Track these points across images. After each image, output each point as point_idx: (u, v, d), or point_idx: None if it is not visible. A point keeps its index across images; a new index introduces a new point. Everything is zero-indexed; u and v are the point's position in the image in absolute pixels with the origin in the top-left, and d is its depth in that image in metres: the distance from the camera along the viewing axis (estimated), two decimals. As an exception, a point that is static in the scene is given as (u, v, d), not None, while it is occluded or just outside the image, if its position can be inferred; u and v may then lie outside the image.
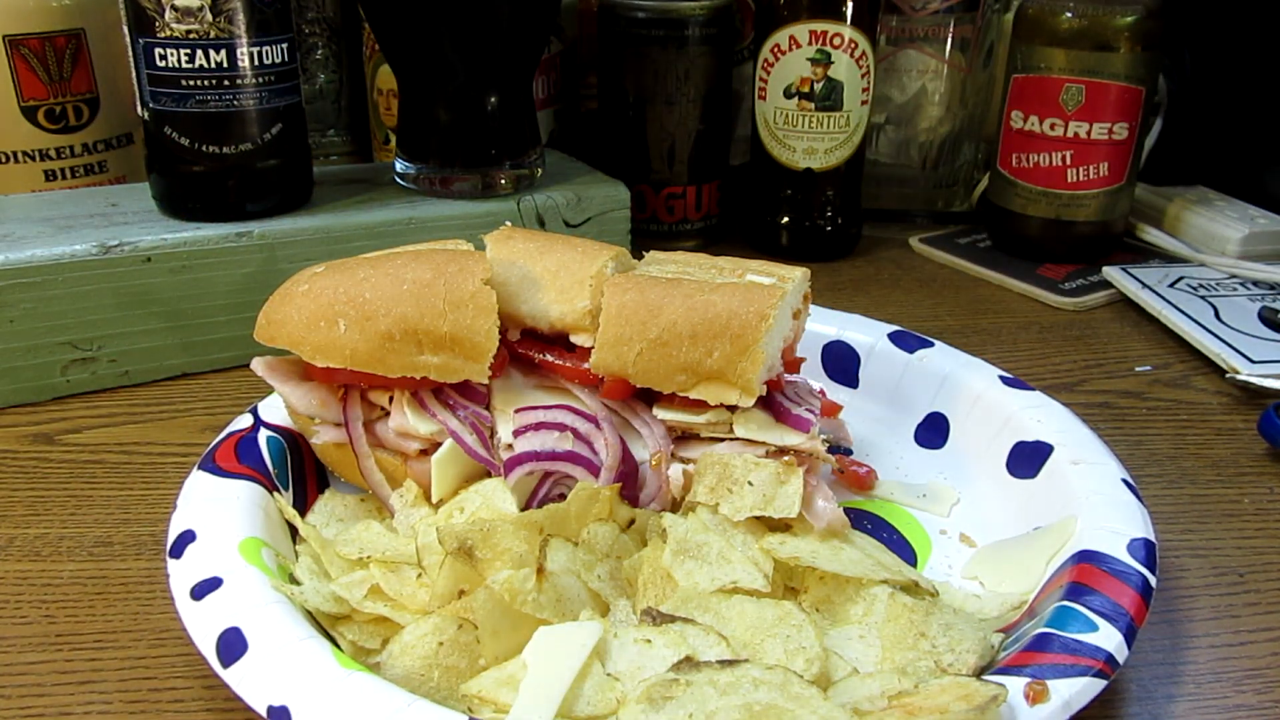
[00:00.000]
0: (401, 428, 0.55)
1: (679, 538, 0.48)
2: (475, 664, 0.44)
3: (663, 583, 0.47)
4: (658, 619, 0.44)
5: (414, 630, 0.44)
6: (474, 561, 0.46)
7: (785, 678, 0.40)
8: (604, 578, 0.48)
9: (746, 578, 0.47)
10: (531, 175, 0.87)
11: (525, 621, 0.44)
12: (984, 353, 0.70)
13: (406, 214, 0.80)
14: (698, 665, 0.40)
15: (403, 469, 0.55)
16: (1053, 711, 0.40)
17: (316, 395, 0.56)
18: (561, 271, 0.56)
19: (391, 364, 0.53)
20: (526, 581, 0.44)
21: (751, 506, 0.50)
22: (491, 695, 0.41)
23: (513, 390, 0.57)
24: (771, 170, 1.00)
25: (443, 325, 0.53)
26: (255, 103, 0.74)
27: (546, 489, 0.55)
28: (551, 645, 0.42)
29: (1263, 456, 0.68)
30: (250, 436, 0.57)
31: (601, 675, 0.41)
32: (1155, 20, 0.91)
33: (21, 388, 0.71)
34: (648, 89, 0.98)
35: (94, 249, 0.70)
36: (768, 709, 0.38)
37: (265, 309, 0.56)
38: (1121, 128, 0.94)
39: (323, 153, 1.06)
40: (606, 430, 0.54)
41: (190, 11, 0.70)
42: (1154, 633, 0.51)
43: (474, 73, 0.82)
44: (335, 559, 0.50)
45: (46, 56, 0.82)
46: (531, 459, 0.53)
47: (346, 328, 0.53)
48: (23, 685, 0.47)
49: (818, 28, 0.92)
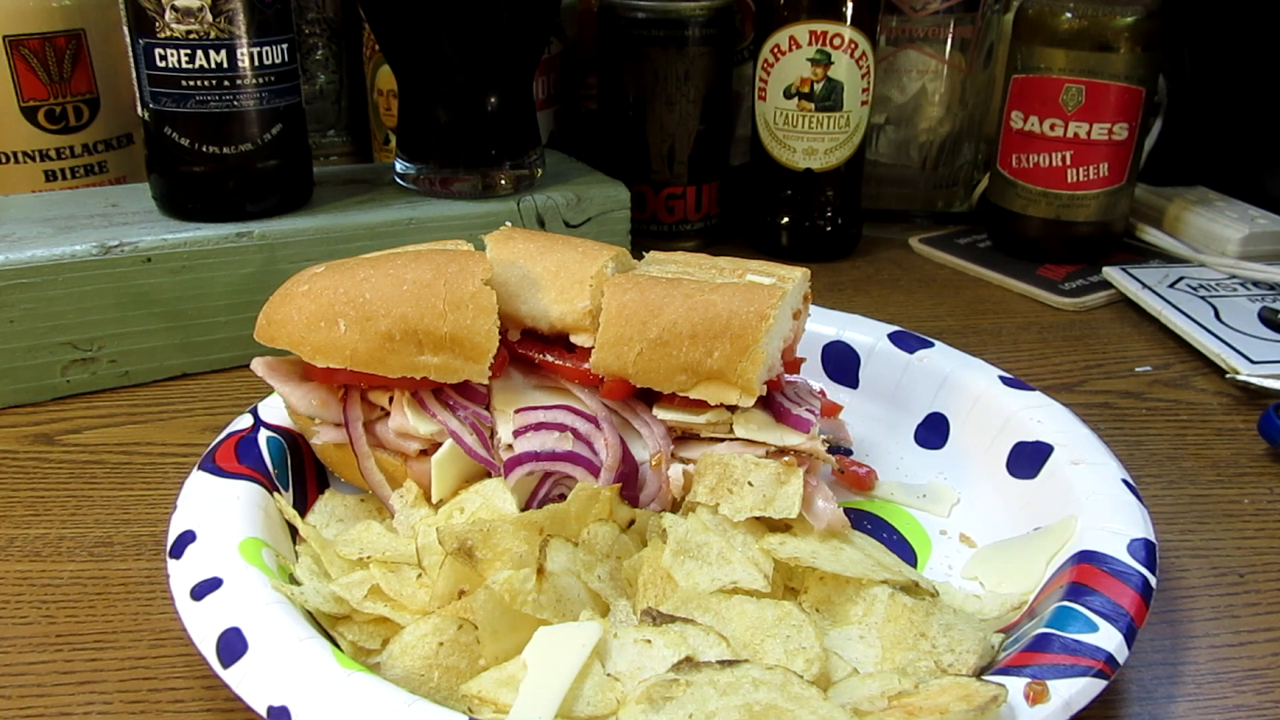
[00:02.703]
0: (401, 428, 0.55)
1: (679, 538, 0.48)
2: (475, 664, 0.44)
3: (663, 583, 0.47)
4: (658, 619, 0.44)
5: (414, 630, 0.44)
6: (474, 562, 0.46)
7: (785, 678, 0.40)
8: (604, 578, 0.48)
9: (747, 578, 0.47)
10: (531, 175, 0.87)
11: (525, 622, 0.44)
12: (984, 353, 0.70)
13: (406, 214, 0.80)
14: (698, 665, 0.40)
15: (403, 469, 0.55)
16: (1053, 712, 0.40)
17: (316, 395, 0.56)
18: (561, 272, 0.56)
19: (392, 364, 0.53)
20: (526, 582, 0.44)
21: (752, 507, 0.50)
22: (492, 695, 0.41)
23: (513, 390, 0.57)
24: (771, 170, 1.00)
25: (443, 326, 0.53)
26: (255, 103, 0.74)
27: (546, 489, 0.55)
28: (551, 645, 0.42)
29: (1263, 457, 0.68)
30: (250, 437, 0.57)
31: (601, 675, 0.41)
32: (1155, 20, 0.91)
33: (21, 388, 0.71)
34: (648, 89, 0.98)
35: (94, 249, 0.70)
36: (768, 709, 0.38)
37: (265, 309, 0.56)
38: (1121, 128, 0.94)
39: (323, 153, 1.06)
40: (606, 430, 0.54)
41: (190, 12, 0.70)
42: (1154, 633, 0.51)
43: (474, 73, 0.82)
44: (335, 559, 0.49)
45: (46, 56, 0.83)
46: (531, 459, 0.53)
47: (347, 328, 0.53)
48: (23, 685, 0.47)
49: (818, 28, 0.92)
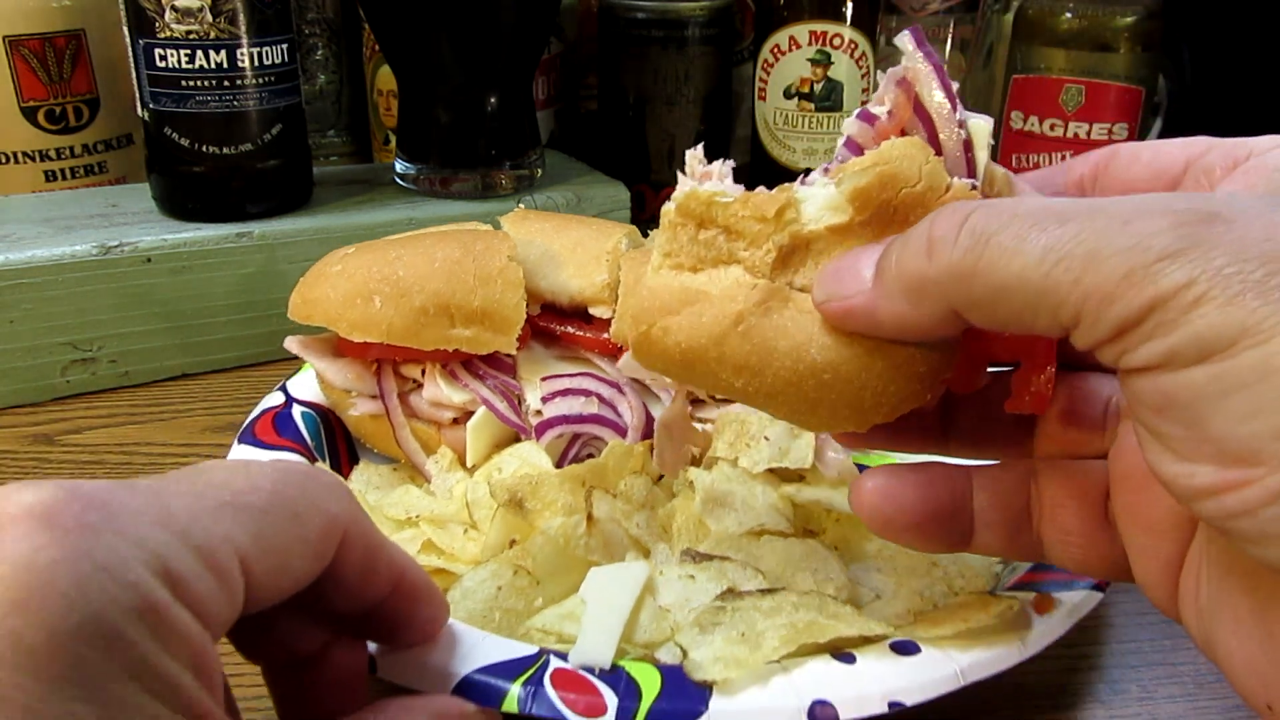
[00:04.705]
0: (435, 398, 0.58)
1: (706, 488, 0.52)
2: (531, 606, 0.46)
3: (696, 528, 0.51)
4: (697, 558, 0.48)
5: (474, 576, 0.46)
6: (524, 512, 0.49)
7: (821, 600, 0.44)
8: (642, 525, 0.51)
9: (771, 521, 0.50)
10: (531, 175, 0.87)
11: (577, 564, 0.47)
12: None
13: (406, 214, 0.80)
14: (740, 595, 0.44)
15: (436, 437, 0.58)
16: (1060, 618, 0.43)
17: (351, 370, 0.59)
18: (578, 248, 0.60)
19: (426, 337, 0.56)
20: (578, 527, 0.48)
21: (769, 459, 0.53)
22: (555, 628, 0.44)
23: (536, 361, 0.60)
24: (771, 171, 1.00)
25: (473, 300, 0.56)
26: (255, 103, 0.74)
27: (576, 450, 0.58)
28: (606, 583, 0.45)
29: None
30: (285, 412, 0.59)
31: (654, 607, 0.45)
32: (1155, 20, 0.91)
33: (21, 388, 0.71)
34: (648, 89, 0.98)
35: (94, 249, 0.70)
36: (810, 625, 0.42)
37: (299, 288, 0.59)
38: (1121, 128, 0.94)
39: (323, 153, 1.06)
40: (630, 394, 0.58)
41: (190, 12, 0.70)
42: (1154, 633, 0.51)
43: (474, 73, 0.82)
44: (384, 519, 0.52)
45: (46, 57, 0.82)
46: (561, 422, 0.56)
47: (382, 304, 0.56)
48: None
49: (818, 28, 0.92)
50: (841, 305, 0.33)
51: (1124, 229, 0.26)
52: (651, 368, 0.37)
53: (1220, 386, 0.25)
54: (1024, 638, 0.42)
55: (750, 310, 0.34)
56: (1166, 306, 0.26)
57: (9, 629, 0.22)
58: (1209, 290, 0.25)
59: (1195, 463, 0.26)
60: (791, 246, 0.35)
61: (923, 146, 0.35)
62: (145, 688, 0.24)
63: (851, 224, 0.34)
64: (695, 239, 0.36)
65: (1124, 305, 0.26)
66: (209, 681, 0.26)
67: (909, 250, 0.31)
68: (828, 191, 0.35)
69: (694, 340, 0.35)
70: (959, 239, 0.29)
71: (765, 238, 0.35)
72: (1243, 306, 0.25)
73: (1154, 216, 0.26)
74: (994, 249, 0.28)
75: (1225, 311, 0.25)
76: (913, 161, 0.34)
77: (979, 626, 0.41)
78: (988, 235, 0.29)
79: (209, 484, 0.29)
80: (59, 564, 0.23)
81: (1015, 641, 0.42)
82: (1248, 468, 0.25)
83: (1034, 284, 0.28)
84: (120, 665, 0.24)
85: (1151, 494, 0.33)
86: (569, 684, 0.39)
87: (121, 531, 0.25)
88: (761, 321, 0.34)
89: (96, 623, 0.23)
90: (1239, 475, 0.25)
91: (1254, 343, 0.24)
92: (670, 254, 0.36)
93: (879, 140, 0.36)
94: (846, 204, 0.34)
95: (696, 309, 0.35)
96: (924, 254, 0.31)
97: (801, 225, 0.35)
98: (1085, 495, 0.36)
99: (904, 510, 0.37)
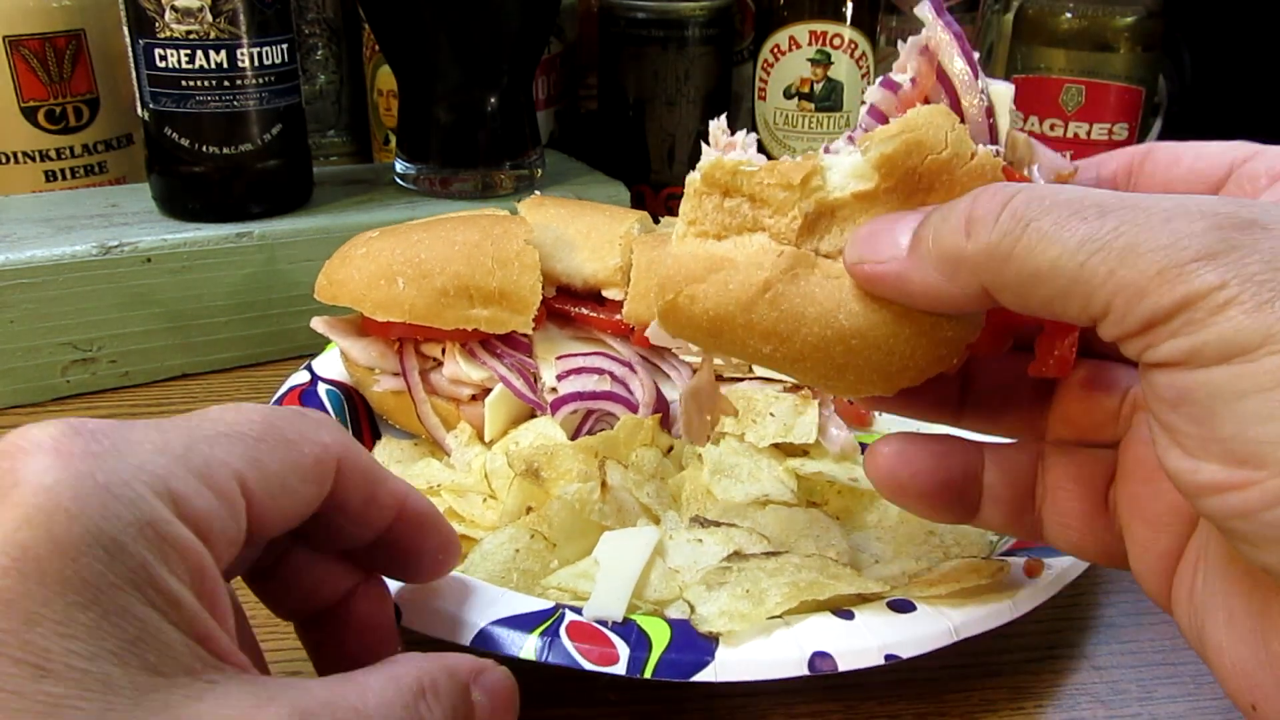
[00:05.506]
0: (455, 375, 0.60)
1: (714, 460, 0.54)
2: (547, 568, 0.48)
3: (704, 497, 0.53)
4: (705, 524, 0.50)
5: (493, 540, 0.48)
6: (540, 481, 0.52)
7: (823, 562, 0.46)
8: (652, 494, 0.53)
9: (776, 491, 0.52)
10: (531, 175, 0.87)
11: (591, 528, 0.49)
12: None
13: (406, 214, 0.80)
14: (746, 557, 0.46)
15: (455, 413, 0.60)
16: (1049, 581, 0.45)
17: (375, 348, 0.61)
18: (592, 233, 0.62)
19: (447, 317, 0.59)
20: (593, 494, 0.50)
21: (774, 434, 0.55)
22: (570, 586, 0.46)
23: (551, 341, 0.63)
24: (772, 170, 1.00)
25: (492, 281, 0.58)
26: (255, 103, 0.74)
27: (589, 425, 0.60)
28: (619, 545, 0.47)
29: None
30: (310, 389, 0.62)
31: (664, 568, 0.47)
32: (1155, 20, 0.91)
33: (21, 388, 0.71)
34: (648, 89, 0.98)
35: (94, 249, 0.70)
36: (811, 584, 0.44)
37: (325, 271, 0.62)
38: (1121, 128, 0.94)
39: (323, 153, 1.06)
40: (641, 373, 0.60)
41: (190, 12, 0.70)
42: (1154, 633, 0.51)
43: (474, 73, 0.82)
44: None
45: (46, 57, 0.82)
46: (575, 399, 0.59)
47: (405, 285, 0.58)
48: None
49: (818, 28, 0.92)
50: (874, 269, 0.33)
51: (1164, 226, 0.27)
52: (679, 335, 0.37)
53: (1237, 388, 0.25)
54: (1014, 598, 0.44)
55: (778, 277, 0.34)
56: (1196, 306, 0.26)
57: (17, 541, 0.25)
58: (1239, 294, 0.25)
59: (1202, 460, 0.27)
60: (817, 213, 0.35)
61: (948, 113, 0.35)
62: (145, 599, 0.26)
63: (877, 191, 0.35)
64: (720, 207, 0.36)
65: (1154, 301, 0.26)
66: (212, 603, 0.28)
67: (948, 225, 0.31)
68: (854, 159, 0.35)
69: (721, 307, 0.35)
70: (999, 220, 0.30)
71: (791, 205, 0.35)
72: (1271, 313, 0.25)
73: (1194, 217, 0.27)
74: (1032, 233, 0.29)
75: (1253, 316, 0.25)
76: (938, 129, 0.34)
77: (972, 586, 0.44)
78: (1028, 220, 0.29)
79: (204, 419, 0.32)
80: (65, 483, 0.26)
81: (1006, 601, 0.44)
82: (1252, 470, 0.25)
83: (1068, 272, 0.28)
84: (121, 576, 0.26)
85: (1156, 487, 0.33)
86: (584, 635, 0.41)
87: (123, 455, 0.28)
88: (789, 288, 0.34)
89: (98, 535, 0.26)
90: (1243, 476, 0.26)
91: (1277, 349, 0.25)
92: (695, 221, 0.36)
93: (903, 108, 0.37)
94: (873, 171, 0.35)
95: (723, 276, 0.35)
96: (962, 231, 0.31)
97: (827, 192, 0.35)
98: (1088, 481, 0.37)
99: (917, 476, 0.38)
